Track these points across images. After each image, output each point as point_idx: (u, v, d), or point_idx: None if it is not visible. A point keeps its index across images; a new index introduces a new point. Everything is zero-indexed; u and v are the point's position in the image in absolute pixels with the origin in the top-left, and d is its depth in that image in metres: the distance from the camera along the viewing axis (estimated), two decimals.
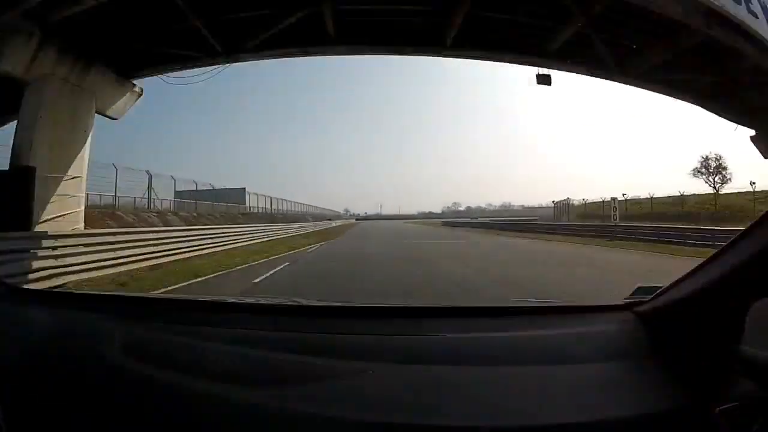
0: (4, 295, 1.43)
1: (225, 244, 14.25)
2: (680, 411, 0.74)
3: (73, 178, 8.20)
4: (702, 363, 0.88)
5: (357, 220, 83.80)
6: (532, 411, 0.75)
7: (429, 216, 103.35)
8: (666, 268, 8.84)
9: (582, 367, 0.92)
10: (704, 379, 0.84)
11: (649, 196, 34.74)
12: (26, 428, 0.77)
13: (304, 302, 1.42)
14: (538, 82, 9.63)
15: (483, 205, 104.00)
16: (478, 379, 0.87)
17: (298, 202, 44.09)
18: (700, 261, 0.95)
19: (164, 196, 18.33)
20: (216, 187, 23.62)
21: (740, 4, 7.15)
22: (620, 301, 1.21)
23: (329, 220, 51.62)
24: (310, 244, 17.27)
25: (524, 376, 0.88)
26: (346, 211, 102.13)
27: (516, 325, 1.19)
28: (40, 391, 0.82)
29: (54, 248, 6.98)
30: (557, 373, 0.89)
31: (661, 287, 1.09)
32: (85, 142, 8.63)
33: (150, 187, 17.03)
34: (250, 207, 27.35)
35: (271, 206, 32.16)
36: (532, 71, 9.64)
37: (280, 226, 24.07)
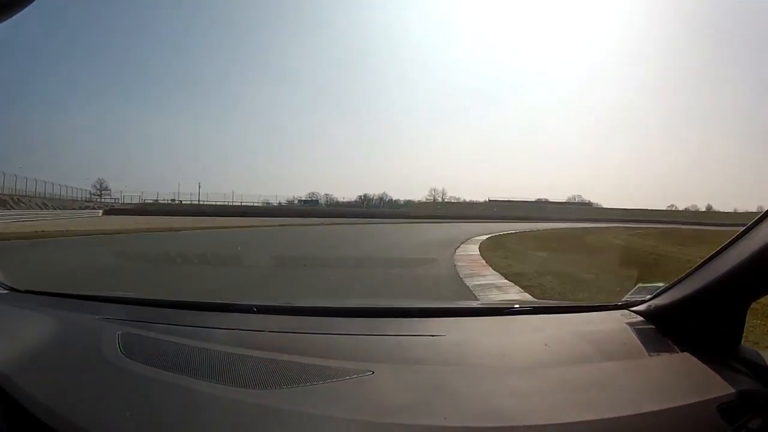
0: (4, 295, 1.43)
1: None
2: (680, 409, 0.74)
3: None
4: (702, 361, 0.88)
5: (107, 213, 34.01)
6: (532, 411, 0.75)
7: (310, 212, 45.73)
8: None
9: (582, 366, 0.92)
10: (704, 378, 0.85)
11: None
12: (26, 428, 0.76)
13: (303, 303, 1.42)
14: None
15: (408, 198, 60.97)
16: (478, 379, 0.87)
17: None
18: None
19: None
20: None
21: None
22: (620, 301, 1.22)
23: None
24: None
25: (524, 376, 0.89)
26: (101, 187, 46.62)
27: (516, 325, 1.20)
28: (40, 391, 0.81)
29: None
30: (558, 372, 0.89)
31: (661, 287, 1.10)
32: None
33: None
34: None
35: None
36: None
37: None
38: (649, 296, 1.13)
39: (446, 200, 61.03)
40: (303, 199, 55.54)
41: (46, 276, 5.96)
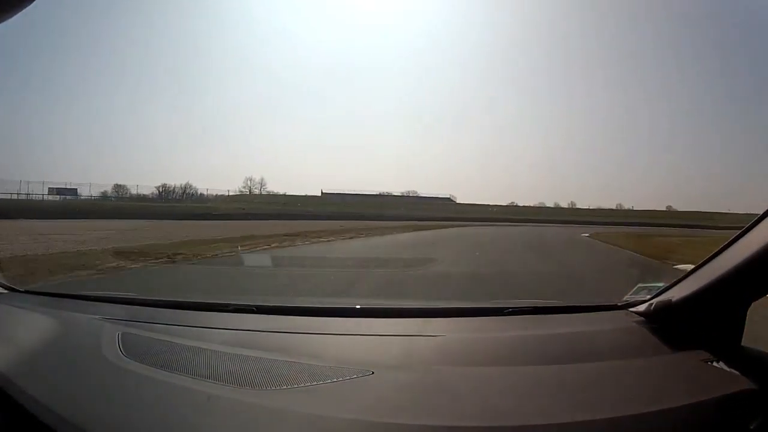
0: (4, 295, 1.44)
1: None
2: (681, 409, 0.74)
3: None
4: (702, 361, 0.88)
5: None
6: (532, 411, 0.75)
7: None
8: None
9: (582, 366, 0.92)
10: (705, 377, 0.85)
11: None
12: (26, 428, 0.76)
13: (303, 303, 1.42)
14: None
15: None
16: (478, 379, 0.87)
17: None
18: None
19: None
20: None
21: None
22: (620, 301, 1.22)
23: None
24: None
25: (524, 376, 0.89)
26: None
27: (516, 325, 1.19)
28: (40, 391, 0.82)
29: None
30: (557, 372, 0.89)
31: (661, 287, 1.10)
32: None
33: None
34: None
35: None
36: None
37: None
38: (649, 296, 1.13)
39: (265, 192, 49.10)
40: (56, 187, 36.79)
41: None
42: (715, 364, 0.87)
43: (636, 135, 64.67)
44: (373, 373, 0.85)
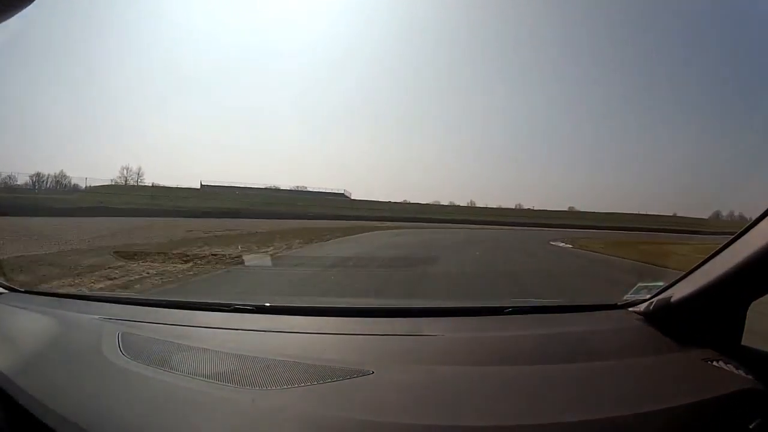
0: (4, 295, 1.43)
1: None
2: (681, 408, 0.74)
3: None
4: (702, 360, 0.88)
5: None
6: (532, 410, 0.75)
7: None
8: None
9: (582, 365, 0.92)
10: (704, 377, 0.85)
11: None
12: (26, 428, 0.76)
13: (303, 303, 1.42)
14: None
15: None
16: (477, 379, 0.87)
17: None
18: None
19: None
20: None
21: None
22: (620, 300, 1.22)
23: None
24: None
25: (524, 375, 0.88)
26: None
27: (516, 325, 1.19)
28: (40, 391, 0.82)
29: None
30: (558, 372, 0.89)
31: (661, 286, 1.10)
32: None
33: None
34: None
35: None
36: None
37: None
38: (649, 296, 1.13)
39: (142, 184, 43.60)
40: None
41: None
42: (715, 363, 0.87)
43: (537, 136, 65.78)
44: (373, 372, 0.85)
